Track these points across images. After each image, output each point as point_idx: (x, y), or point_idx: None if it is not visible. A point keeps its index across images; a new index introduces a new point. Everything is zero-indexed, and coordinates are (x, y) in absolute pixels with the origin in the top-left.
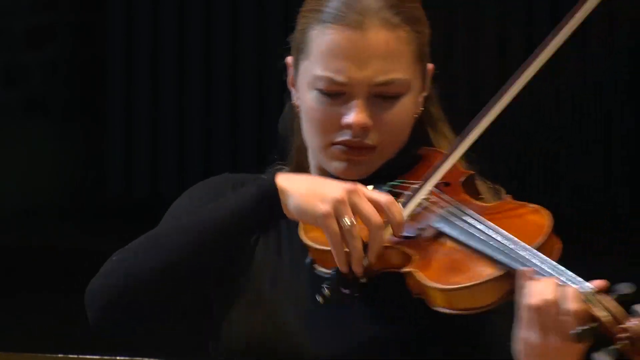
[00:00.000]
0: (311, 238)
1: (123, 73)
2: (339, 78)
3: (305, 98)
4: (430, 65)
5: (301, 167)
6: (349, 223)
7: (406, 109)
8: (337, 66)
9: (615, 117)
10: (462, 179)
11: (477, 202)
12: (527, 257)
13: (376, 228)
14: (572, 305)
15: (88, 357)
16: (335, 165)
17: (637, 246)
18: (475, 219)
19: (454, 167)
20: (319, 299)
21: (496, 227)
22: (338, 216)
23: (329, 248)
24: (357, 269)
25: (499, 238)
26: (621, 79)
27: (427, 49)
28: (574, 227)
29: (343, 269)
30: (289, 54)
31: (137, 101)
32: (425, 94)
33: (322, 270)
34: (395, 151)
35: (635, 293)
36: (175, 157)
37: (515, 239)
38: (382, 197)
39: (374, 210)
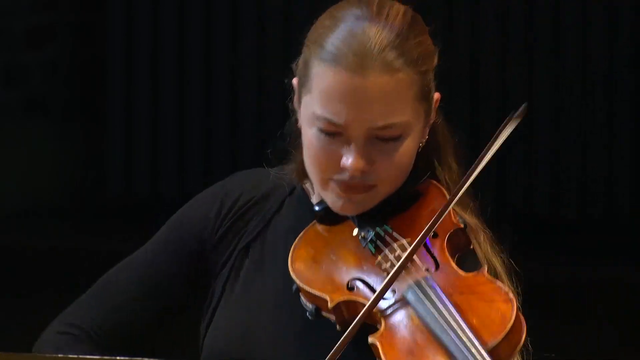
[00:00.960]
0: (295, 270)
1: (123, 73)
2: (337, 120)
3: (306, 132)
4: (436, 95)
5: (304, 175)
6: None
7: (407, 149)
8: (335, 108)
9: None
10: (451, 231)
11: (452, 267)
12: (470, 356)
13: None
14: None
15: (88, 357)
16: (333, 200)
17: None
18: (444, 301)
19: (446, 217)
20: (309, 316)
21: (459, 318)
22: None
23: (312, 290)
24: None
25: (459, 330)
26: (621, 79)
27: (431, 84)
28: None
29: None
30: (289, 62)
31: (137, 101)
32: (431, 122)
33: (304, 302)
34: (397, 186)
35: None
36: (175, 157)
37: (472, 337)
38: None
39: None
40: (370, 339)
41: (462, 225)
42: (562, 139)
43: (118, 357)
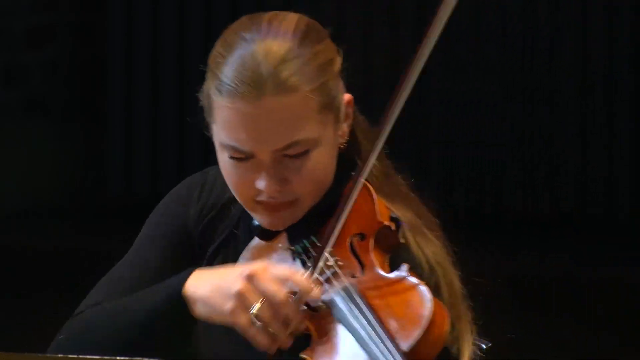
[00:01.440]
0: None
1: (123, 73)
2: (243, 148)
3: (220, 157)
4: (347, 96)
5: None
6: (255, 312)
7: (319, 160)
8: (238, 137)
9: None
10: (377, 230)
11: (376, 270)
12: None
13: (282, 305)
14: None
15: (88, 357)
16: (260, 219)
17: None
18: (363, 309)
19: (370, 216)
20: None
21: (377, 324)
22: (244, 308)
23: None
24: (276, 345)
25: (376, 337)
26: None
27: (337, 90)
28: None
29: (267, 350)
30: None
31: (137, 101)
32: (349, 122)
33: None
34: (320, 195)
35: None
36: (175, 157)
37: (388, 342)
38: (283, 270)
39: (278, 287)
40: (301, 354)
41: (387, 223)
42: (562, 139)
43: (118, 357)
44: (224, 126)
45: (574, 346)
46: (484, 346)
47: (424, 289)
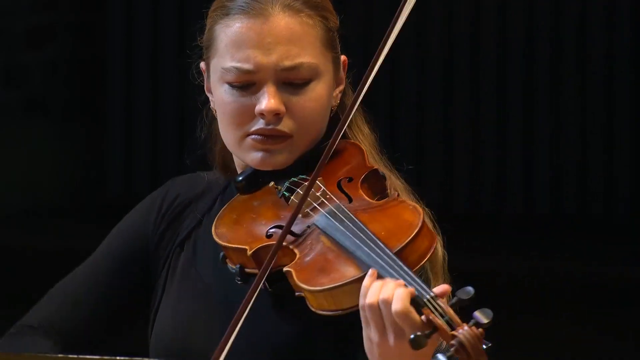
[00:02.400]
0: (218, 234)
1: (123, 73)
2: (246, 66)
3: (218, 94)
4: (343, 57)
5: (227, 167)
6: None
7: (318, 95)
8: (243, 55)
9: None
10: (365, 173)
11: (365, 199)
12: (376, 258)
13: None
14: (397, 305)
15: (88, 357)
16: (252, 157)
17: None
18: (352, 219)
19: (359, 162)
20: (237, 281)
21: (366, 229)
22: None
23: (232, 245)
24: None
25: (366, 239)
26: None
27: (335, 36)
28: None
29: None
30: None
31: (137, 101)
32: (341, 87)
33: (230, 267)
34: (311, 141)
35: (473, 298)
36: (175, 157)
37: (376, 239)
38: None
39: None
40: (285, 269)
41: (375, 167)
42: (563, 139)
43: (118, 357)
44: (229, 47)
45: (574, 346)
46: (485, 346)
47: (414, 205)
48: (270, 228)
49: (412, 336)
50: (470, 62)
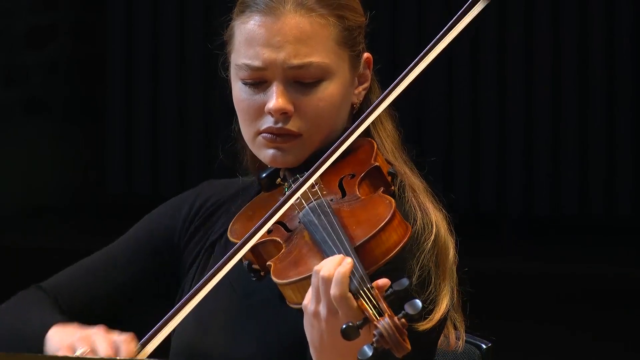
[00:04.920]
0: (232, 231)
1: (123, 73)
2: (255, 63)
3: (235, 91)
4: (366, 55)
5: (254, 164)
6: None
7: (329, 94)
8: (253, 52)
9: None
10: (367, 169)
11: (356, 195)
12: (335, 250)
13: None
14: (334, 288)
15: (88, 357)
16: (264, 154)
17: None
18: (328, 213)
19: (365, 159)
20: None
21: (336, 221)
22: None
23: (239, 241)
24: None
25: (332, 233)
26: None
27: (355, 35)
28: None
29: None
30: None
31: (137, 101)
32: (365, 85)
33: (244, 263)
34: (323, 140)
35: (408, 289)
36: (175, 157)
37: (341, 233)
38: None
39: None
40: (267, 262)
41: (377, 164)
42: (563, 139)
43: (118, 357)
44: (242, 44)
45: (573, 345)
46: (484, 346)
47: (390, 199)
48: (273, 224)
49: (343, 326)
50: (470, 61)
